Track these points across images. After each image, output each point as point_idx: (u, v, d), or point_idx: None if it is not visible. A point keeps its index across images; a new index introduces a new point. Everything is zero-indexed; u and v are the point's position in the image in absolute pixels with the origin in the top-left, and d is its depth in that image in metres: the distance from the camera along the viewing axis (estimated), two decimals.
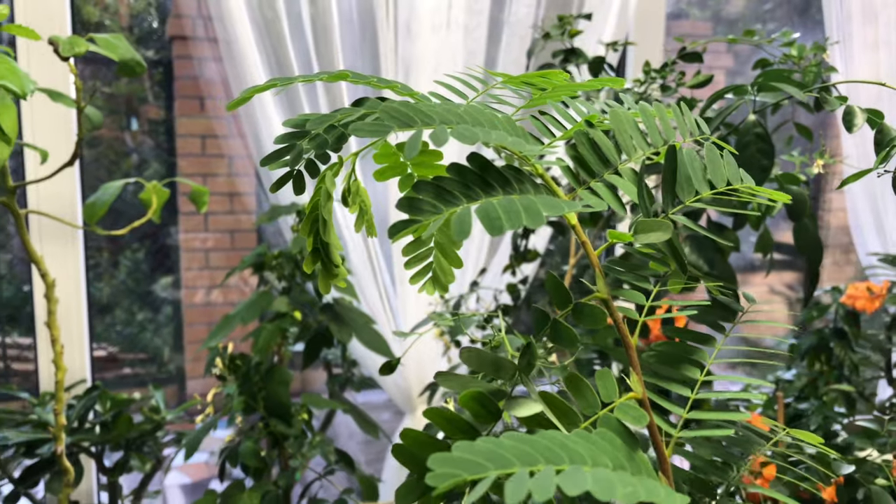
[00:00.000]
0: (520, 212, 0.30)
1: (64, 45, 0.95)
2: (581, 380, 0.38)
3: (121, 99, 4.19)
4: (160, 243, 4.29)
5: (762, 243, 1.04)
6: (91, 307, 4.24)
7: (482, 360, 0.38)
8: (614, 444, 0.31)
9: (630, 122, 0.39)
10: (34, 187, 1.39)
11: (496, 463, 0.26)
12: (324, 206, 0.48)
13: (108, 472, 1.40)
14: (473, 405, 0.34)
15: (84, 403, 1.35)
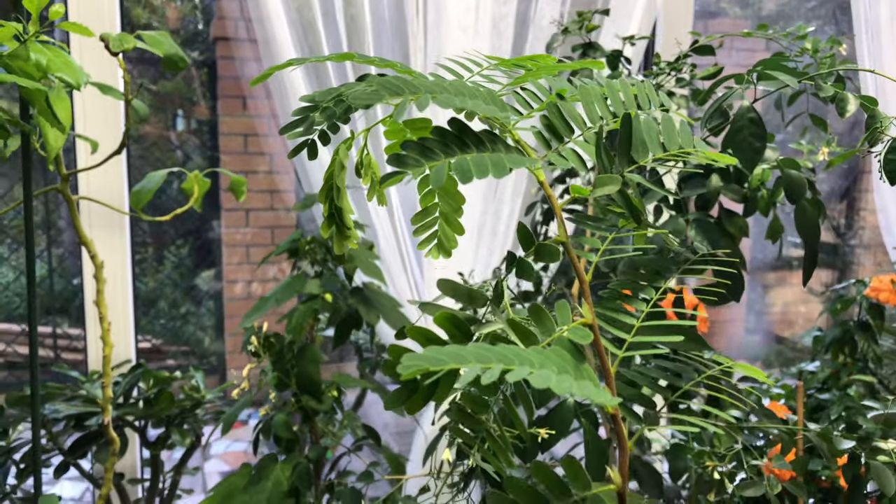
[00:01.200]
0: (487, 165, 0.36)
1: (114, 41, 1.03)
2: (542, 309, 0.44)
3: (167, 98, 4.33)
4: (203, 239, 4.42)
5: (772, 230, 1.08)
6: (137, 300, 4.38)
7: (457, 290, 0.43)
8: (563, 357, 0.37)
9: (597, 96, 0.45)
10: (85, 178, 1.48)
11: (456, 360, 0.31)
12: (338, 176, 0.54)
13: (151, 445, 1.49)
14: (447, 325, 0.40)
15: (129, 380, 1.43)
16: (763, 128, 0.78)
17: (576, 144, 0.44)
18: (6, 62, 0.96)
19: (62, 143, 1.09)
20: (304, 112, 0.45)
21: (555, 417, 0.81)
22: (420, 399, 0.39)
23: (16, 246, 4.12)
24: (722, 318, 4.18)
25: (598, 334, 0.43)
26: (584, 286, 0.43)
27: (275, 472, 1.28)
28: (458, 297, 0.43)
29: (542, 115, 0.44)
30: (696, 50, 1.05)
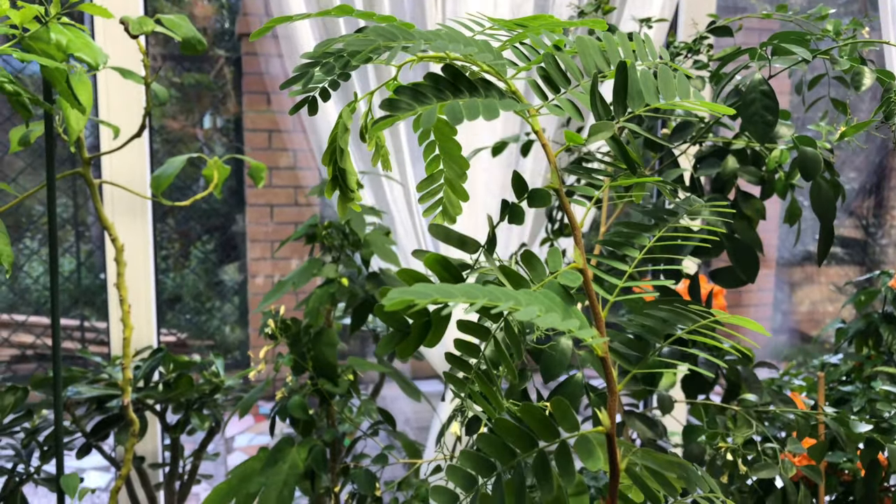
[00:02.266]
0: (479, 108, 0.36)
1: (133, 24, 1.04)
2: (534, 256, 0.44)
3: (193, 94, 4.37)
4: (228, 234, 4.46)
5: (790, 213, 1.07)
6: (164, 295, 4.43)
7: (449, 234, 0.43)
8: (552, 299, 0.37)
9: (594, 48, 0.45)
10: (108, 163, 1.50)
11: (443, 294, 0.31)
12: (341, 137, 0.54)
13: (171, 429, 1.51)
14: (437, 268, 0.40)
15: (149, 364, 1.45)
16: (775, 101, 0.77)
17: (572, 95, 0.44)
18: (28, 43, 0.98)
19: (83, 125, 1.11)
20: (305, 68, 0.46)
21: (563, 392, 0.80)
22: (412, 342, 0.39)
23: (45, 240, 4.18)
24: (748, 317, 4.13)
25: (589, 279, 0.43)
26: (575, 233, 0.43)
27: (291, 454, 1.29)
28: (449, 242, 0.44)
29: (539, 67, 0.45)
30: (714, 31, 1.04)
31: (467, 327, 0.42)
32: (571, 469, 0.40)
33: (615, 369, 0.44)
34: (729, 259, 0.96)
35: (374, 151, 0.59)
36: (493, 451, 0.42)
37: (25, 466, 1.44)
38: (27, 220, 4.11)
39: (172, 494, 1.57)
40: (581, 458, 0.40)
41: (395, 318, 0.39)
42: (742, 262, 0.94)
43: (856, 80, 0.74)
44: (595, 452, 0.40)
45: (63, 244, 4.15)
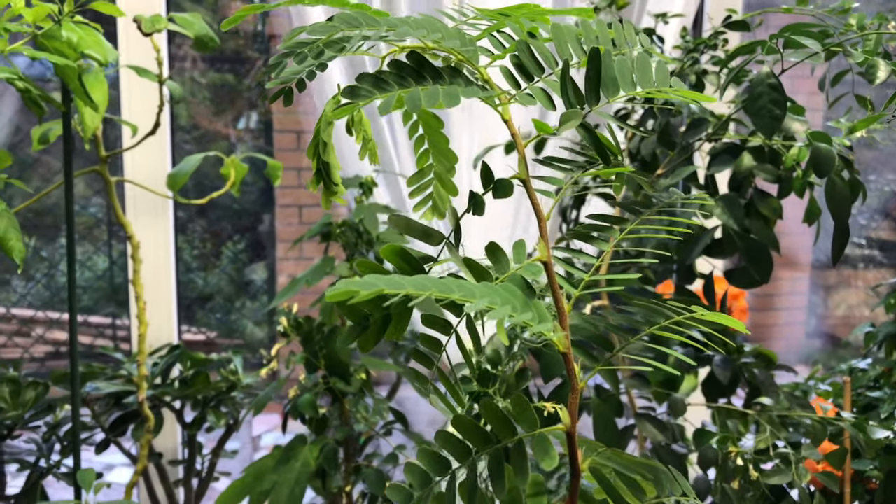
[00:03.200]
0: (439, 95, 0.35)
1: (146, 23, 1.05)
2: (499, 248, 0.42)
3: (224, 94, 4.42)
4: (257, 234, 4.50)
5: (809, 213, 1.04)
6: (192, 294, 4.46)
7: (411, 226, 0.42)
8: (512, 292, 0.35)
9: (570, 35, 0.43)
10: (130, 162, 1.52)
11: (390, 285, 0.30)
12: (324, 130, 0.54)
13: (188, 426, 1.52)
14: (396, 259, 0.39)
15: (167, 360, 1.47)
16: (783, 94, 0.75)
17: (546, 84, 0.43)
18: (41, 41, 0.99)
19: (98, 123, 1.12)
20: (280, 58, 0.45)
21: (563, 393, 0.79)
22: (372, 336, 0.38)
23: (80, 240, 4.26)
24: (780, 321, 4.06)
25: (553, 272, 0.42)
26: (541, 224, 0.42)
27: (303, 452, 1.29)
28: (411, 233, 0.43)
29: (513, 55, 0.43)
30: (730, 26, 1.02)
31: (431, 322, 0.41)
32: (525, 468, 0.39)
33: (577, 365, 0.42)
34: (741, 258, 0.94)
35: (361, 145, 0.58)
36: (451, 449, 0.41)
37: (46, 461, 1.46)
38: (62, 219, 4.18)
39: (190, 491, 1.58)
40: (537, 456, 0.39)
41: (354, 311, 0.38)
42: (755, 262, 0.92)
43: (870, 73, 0.72)
44: (551, 451, 0.39)
45: (97, 243, 4.23)
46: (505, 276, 0.41)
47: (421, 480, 0.40)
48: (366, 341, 0.39)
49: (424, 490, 0.39)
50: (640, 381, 0.97)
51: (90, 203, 4.28)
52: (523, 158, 0.42)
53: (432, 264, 0.38)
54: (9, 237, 0.96)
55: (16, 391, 1.44)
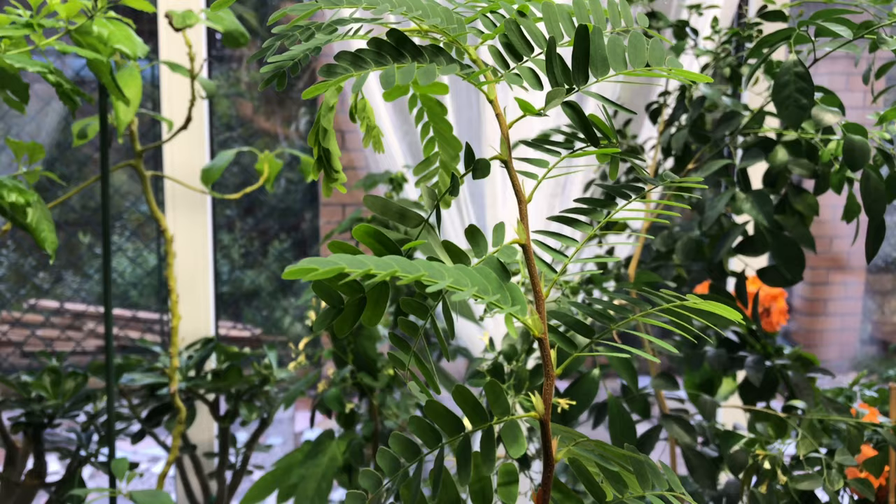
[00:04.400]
0: (414, 72, 0.34)
1: (177, 18, 1.06)
2: (478, 230, 0.41)
3: (273, 97, 4.50)
4: (301, 233, 4.56)
5: (848, 210, 1.00)
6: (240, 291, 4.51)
7: (387, 207, 0.41)
8: (486, 275, 0.34)
9: (561, 13, 0.42)
10: (169, 158, 1.54)
11: (353, 264, 0.30)
12: (324, 117, 0.53)
13: (221, 419, 1.53)
14: (370, 241, 0.38)
15: (201, 353, 1.49)
16: (811, 83, 0.72)
17: (534, 63, 0.42)
18: (75, 37, 1.02)
19: (131, 117, 1.14)
20: (273, 41, 0.45)
21: (579, 389, 0.77)
22: (347, 319, 0.38)
23: (130, 236, 4.36)
24: (832, 327, 3.94)
25: (532, 255, 0.41)
26: (521, 206, 0.41)
27: (331, 447, 1.29)
28: (387, 215, 0.42)
29: (501, 34, 0.42)
30: (765, 15, 0.98)
31: (409, 305, 0.40)
32: (492, 455, 0.38)
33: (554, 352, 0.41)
34: (771, 256, 0.91)
35: (365, 133, 0.58)
36: (421, 434, 0.40)
37: (85, 449, 1.50)
38: (114, 216, 4.29)
39: (223, 483, 1.59)
40: (505, 443, 0.38)
41: (328, 293, 0.38)
42: (786, 260, 0.88)
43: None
44: (520, 439, 0.38)
45: (146, 240, 4.32)
46: (482, 259, 0.40)
47: (391, 466, 0.39)
48: (341, 325, 0.38)
49: (394, 476, 0.39)
50: (667, 381, 0.95)
51: (141, 201, 4.38)
52: (506, 139, 0.41)
53: (409, 246, 0.38)
54: (41, 228, 0.98)
55: (56, 381, 1.48)
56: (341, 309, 0.38)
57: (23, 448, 1.48)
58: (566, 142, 0.44)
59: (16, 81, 1.00)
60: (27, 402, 1.44)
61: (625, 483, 0.39)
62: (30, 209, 0.97)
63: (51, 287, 4.28)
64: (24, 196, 0.95)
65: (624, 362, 0.84)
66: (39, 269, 4.34)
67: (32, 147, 1.02)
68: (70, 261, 4.38)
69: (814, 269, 3.90)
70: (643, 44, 0.40)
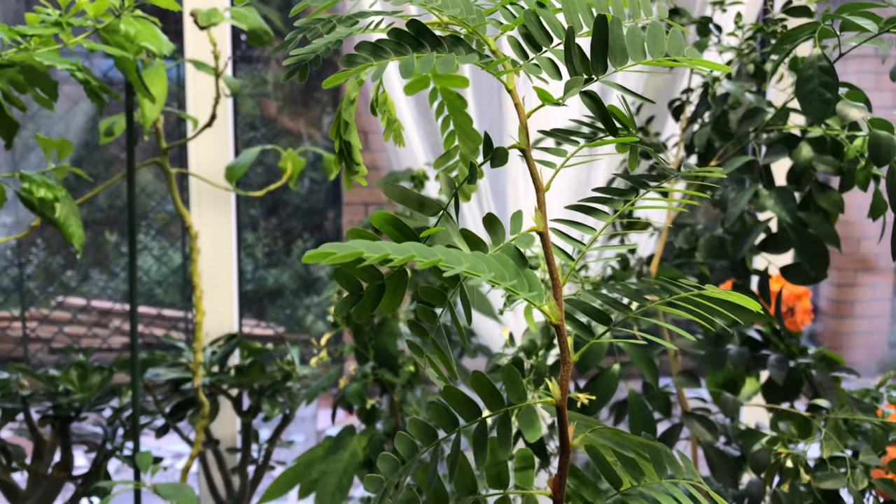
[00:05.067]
0: (433, 61, 0.34)
1: (202, 16, 1.08)
2: (496, 219, 0.41)
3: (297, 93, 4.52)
4: (325, 233, 4.58)
5: (874, 207, 0.99)
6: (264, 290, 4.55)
7: (406, 196, 0.42)
8: (503, 262, 0.34)
9: (582, 4, 0.42)
10: (195, 156, 1.56)
11: (374, 251, 0.30)
12: (345, 110, 0.54)
13: (243, 414, 1.55)
14: (389, 228, 0.39)
15: (224, 349, 1.50)
16: (835, 77, 0.71)
17: (553, 54, 0.42)
18: (103, 35, 1.03)
19: (157, 115, 1.15)
20: (295, 34, 0.45)
21: (598, 385, 0.77)
22: (366, 306, 0.38)
23: (157, 235, 4.41)
24: (860, 329, 3.89)
25: (549, 242, 0.41)
26: (539, 194, 0.41)
27: (352, 443, 1.30)
28: (407, 203, 0.42)
29: (521, 25, 0.42)
30: (790, 11, 0.98)
31: (427, 293, 0.40)
32: (508, 439, 0.38)
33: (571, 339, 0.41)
34: (795, 254, 0.90)
35: (386, 127, 0.58)
36: (439, 419, 0.40)
37: (111, 443, 1.52)
38: (140, 215, 4.35)
39: (245, 478, 1.61)
40: (522, 427, 0.38)
41: (348, 280, 0.38)
42: (810, 257, 0.88)
43: None
44: (535, 423, 0.38)
45: (171, 239, 4.36)
46: (499, 247, 0.40)
47: (409, 450, 0.40)
48: (360, 311, 0.39)
49: (411, 460, 0.39)
50: (689, 379, 0.94)
51: (166, 200, 4.43)
52: (524, 128, 0.41)
53: (427, 233, 0.38)
54: (69, 223, 1.00)
55: (83, 375, 1.50)
56: (360, 295, 0.38)
57: (50, 441, 1.50)
58: (585, 133, 0.44)
59: (45, 79, 1.02)
60: (54, 396, 1.46)
61: (641, 470, 0.39)
62: (58, 204, 0.99)
63: (78, 285, 4.34)
64: (53, 191, 0.97)
65: (644, 358, 0.84)
66: (67, 268, 4.40)
67: (61, 143, 1.04)
68: (97, 259, 4.45)
69: (840, 270, 3.85)
70: (662, 34, 0.40)
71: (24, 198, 1.00)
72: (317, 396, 1.41)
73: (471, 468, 0.41)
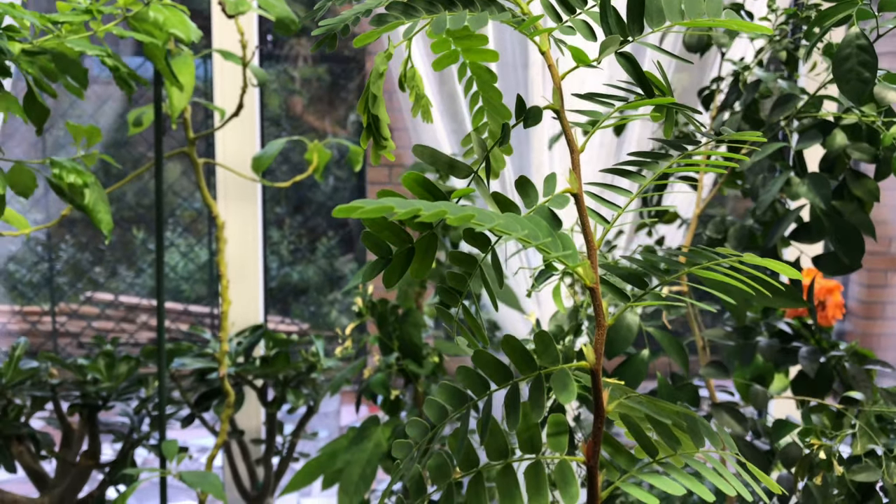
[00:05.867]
0: (465, 18, 0.34)
1: (229, 5, 1.08)
2: (528, 181, 0.41)
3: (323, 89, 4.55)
4: (349, 229, 4.59)
5: None
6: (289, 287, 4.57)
7: (436, 157, 0.41)
8: (537, 224, 0.34)
9: None
10: (221, 147, 1.57)
11: (404, 206, 0.30)
12: (374, 83, 0.53)
13: (268, 405, 1.55)
14: (417, 188, 0.38)
15: (250, 340, 1.51)
16: (874, 56, 0.70)
17: (588, 16, 0.41)
18: (132, 22, 1.04)
19: (185, 103, 1.16)
20: (325, 2, 0.45)
21: (627, 371, 0.76)
22: (395, 270, 0.38)
23: (183, 232, 4.45)
24: (892, 331, 3.82)
25: (584, 204, 0.40)
26: (573, 156, 0.40)
27: (376, 433, 1.30)
28: (436, 165, 0.42)
29: None
30: None
31: (455, 258, 0.40)
32: (541, 402, 0.37)
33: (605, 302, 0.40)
34: (830, 243, 0.88)
35: (414, 103, 0.58)
36: (469, 384, 0.39)
37: (137, 432, 1.53)
38: (166, 213, 4.38)
39: (270, 469, 1.61)
40: (555, 390, 0.37)
41: (377, 244, 0.38)
42: (845, 244, 0.86)
43: None
44: (569, 386, 0.37)
45: (198, 235, 4.40)
46: (533, 208, 0.39)
47: (438, 415, 0.39)
48: (389, 276, 0.38)
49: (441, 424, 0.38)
50: (718, 370, 0.93)
51: (193, 198, 4.47)
52: (558, 89, 0.40)
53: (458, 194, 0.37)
54: (98, 209, 1.01)
55: (110, 364, 1.51)
56: (389, 259, 0.38)
57: (78, 430, 1.52)
58: (620, 97, 0.43)
59: (76, 66, 1.03)
60: (83, 385, 1.48)
61: (678, 440, 0.38)
62: (87, 190, 1.00)
63: (105, 281, 4.39)
64: (83, 177, 0.98)
65: (675, 345, 0.83)
66: (95, 264, 4.46)
67: (91, 130, 1.05)
68: (125, 255, 4.50)
69: (871, 271, 3.79)
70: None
71: (53, 184, 1.01)
72: (341, 387, 1.41)
73: (503, 433, 0.40)
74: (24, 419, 1.47)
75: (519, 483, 0.39)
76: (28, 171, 1.01)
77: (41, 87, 0.97)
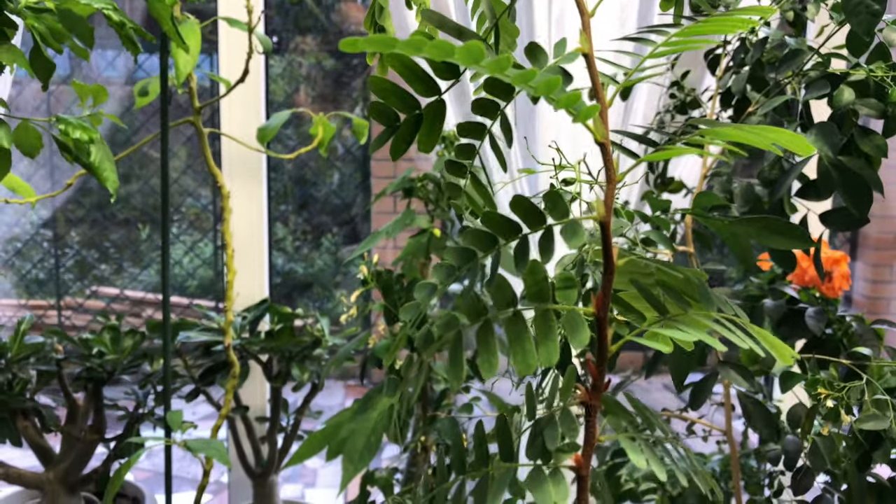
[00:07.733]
0: None
1: None
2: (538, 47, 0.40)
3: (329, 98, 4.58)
4: (354, 225, 4.60)
5: None
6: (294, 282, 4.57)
7: (444, 21, 0.41)
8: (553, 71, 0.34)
9: None
10: (227, 118, 1.56)
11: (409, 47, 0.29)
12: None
13: (273, 379, 1.55)
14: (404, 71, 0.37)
15: (255, 313, 1.51)
16: None
17: None
18: None
19: (191, 68, 1.16)
20: None
21: None
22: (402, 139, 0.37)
23: (187, 228, 4.46)
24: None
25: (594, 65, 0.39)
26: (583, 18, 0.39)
27: (381, 402, 1.29)
28: (445, 29, 0.41)
29: None
30: None
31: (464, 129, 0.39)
32: (551, 249, 0.37)
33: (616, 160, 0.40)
34: (839, 195, 0.88)
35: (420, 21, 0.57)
36: (477, 243, 0.39)
37: (142, 407, 1.53)
38: (172, 210, 4.39)
39: (274, 446, 1.61)
40: (566, 238, 0.37)
41: (384, 112, 0.37)
42: (854, 196, 0.85)
43: None
44: (579, 233, 0.37)
45: (203, 230, 4.41)
46: (546, 67, 0.39)
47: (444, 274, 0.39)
48: (396, 146, 0.38)
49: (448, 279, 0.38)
50: None
51: (198, 195, 4.48)
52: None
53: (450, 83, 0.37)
54: (104, 167, 1.01)
55: (115, 338, 1.51)
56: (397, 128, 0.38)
57: (84, 405, 1.51)
58: None
59: (82, 25, 1.03)
60: (88, 358, 1.48)
61: (688, 302, 0.38)
62: (93, 147, 1.00)
63: (111, 277, 4.40)
64: (88, 133, 0.98)
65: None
66: (101, 262, 4.47)
67: (97, 90, 1.05)
68: (131, 251, 4.51)
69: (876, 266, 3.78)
70: None
71: (59, 141, 1.01)
72: (344, 361, 1.40)
73: (510, 286, 0.40)
74: (30, 395, 1.47)
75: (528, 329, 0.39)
76: (33, 130, 1.02)
77: (47, 43, 0.97)
